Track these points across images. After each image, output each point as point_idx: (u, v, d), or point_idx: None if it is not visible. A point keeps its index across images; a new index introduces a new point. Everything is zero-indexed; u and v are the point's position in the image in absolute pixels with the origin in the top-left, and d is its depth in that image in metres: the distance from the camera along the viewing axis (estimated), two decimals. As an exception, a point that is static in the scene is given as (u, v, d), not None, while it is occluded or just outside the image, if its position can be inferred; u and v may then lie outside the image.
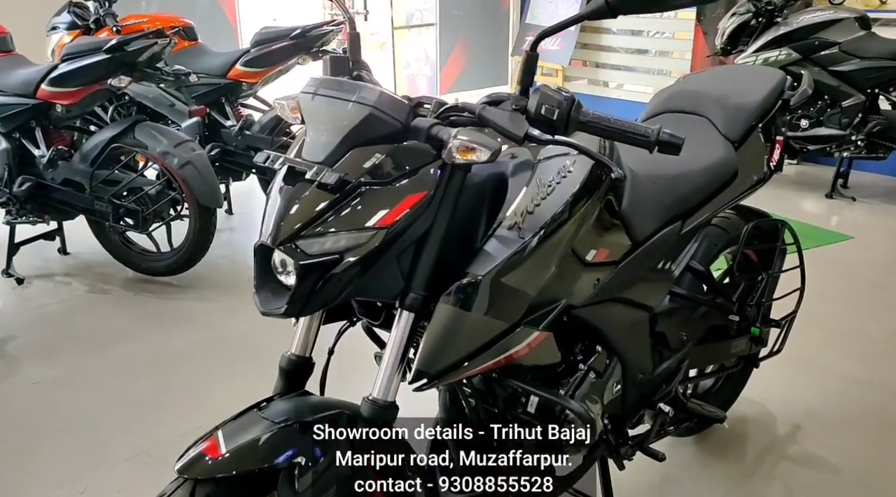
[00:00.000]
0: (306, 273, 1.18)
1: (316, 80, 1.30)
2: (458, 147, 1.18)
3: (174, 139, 3.32)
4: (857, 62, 4.63)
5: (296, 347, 1.45)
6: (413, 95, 1.38)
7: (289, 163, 1.24)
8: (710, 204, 1.84)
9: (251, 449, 1.22)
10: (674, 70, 6.66)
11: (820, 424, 2.45)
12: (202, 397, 2.64)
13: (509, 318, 1.32)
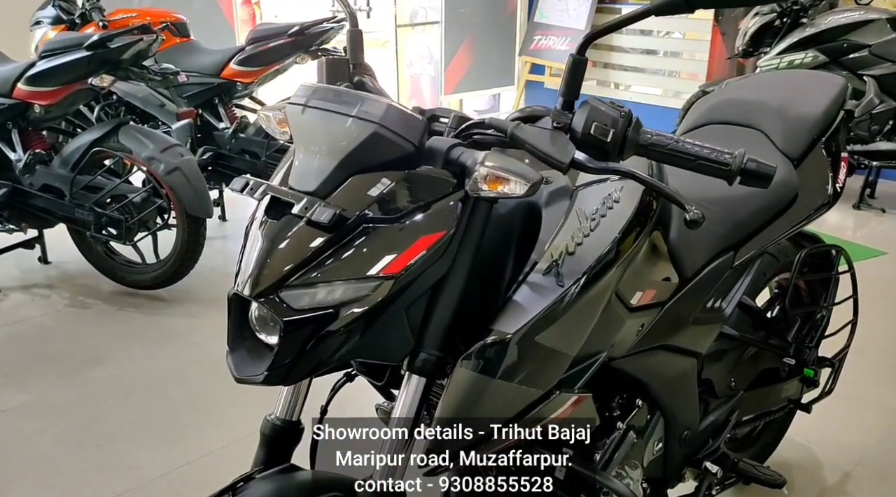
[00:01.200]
0: (292, 332, 0.94)
1: (308, 89, 1.05)
2: (485, 176, 0.93)
3: (161, 143, 3.07)
4: (888, 66, 4.38)
5: (280, 410, 1.20)
6: (416, 96, 1.14)
7: (272, 192, 0.99)
8: (766, 232, 1.59)
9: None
10: (685, 72, 6.41)
11: (872, 471, 2.20)
12: (184, 430, 2.39)
13: (544, 385, 1.07)
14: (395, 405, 1.06)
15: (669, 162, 0.97)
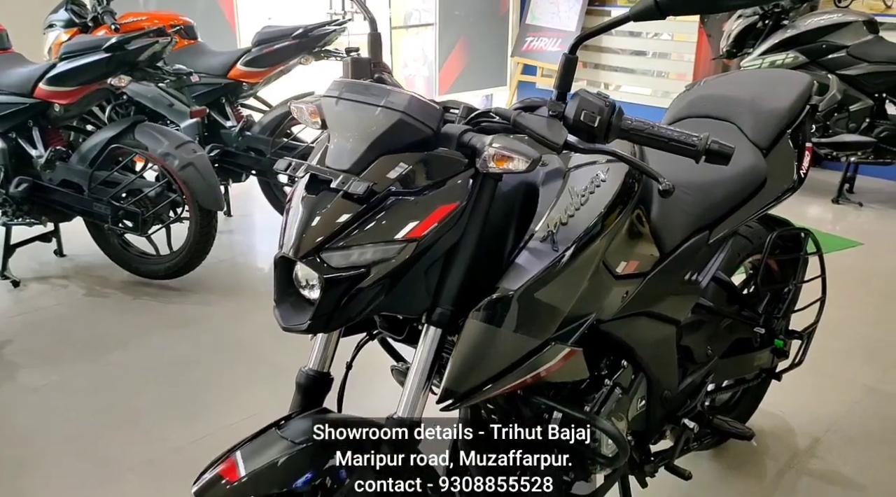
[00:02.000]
0: (331, 287, 1.12)
1: (339, 84, 1.23)
2: (493, 155, 1.11)
3: (175, 140, 3.24)
4: (865, 66, 4.59)
5: (314, 362, 1.38)
6: None
7: (312, 171, 1.17)
8: (739, 213, 1.78)
9: (270, 471, 1.16)
10: (673, 72, 6.61)
11: (841, 438, 2.39)
12: (205, 405, 2.56)
13: (541, 335, 1.26)
14: (414, 354, 1.23)
15: (647, 143, 1.16)
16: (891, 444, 2.36)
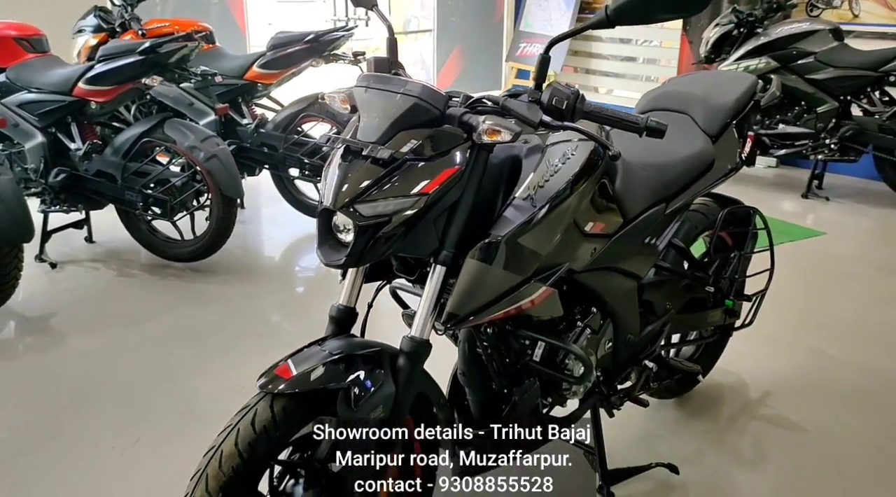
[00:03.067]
0: (362, 232, 1.47)
1: (367, 77, 1.59)
2: (486, 130, 1.46)
3: (200, 135, 3.59)
4: (831, 71, 4.97)
5: (343, 299, 1.73)
6: None
7: (347, 143, 1.52)
8: (691, 189, 2.14)
9: (317, 373, 1.50)
10: (661, 76, 6.99)
11: (789, 391, 2.75)
12: (234, 364, 2.91)
13: (523, 273, 1.61)
14: (425, 288, 1.58)
15: (603, 122, 1.51)
16: (831, 397, 2.72)
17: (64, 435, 2.45)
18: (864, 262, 4.09)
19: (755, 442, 2.48)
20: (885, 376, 2.85)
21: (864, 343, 3.10)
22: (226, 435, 1.46)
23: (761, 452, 2.42)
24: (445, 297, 1.60)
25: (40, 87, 3.62)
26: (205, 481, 1.42)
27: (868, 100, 4.98)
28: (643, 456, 2.31)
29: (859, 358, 2.98)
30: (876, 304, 3.51)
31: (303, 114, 4.22)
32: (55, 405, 2.64)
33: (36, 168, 3.68)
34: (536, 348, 1.87)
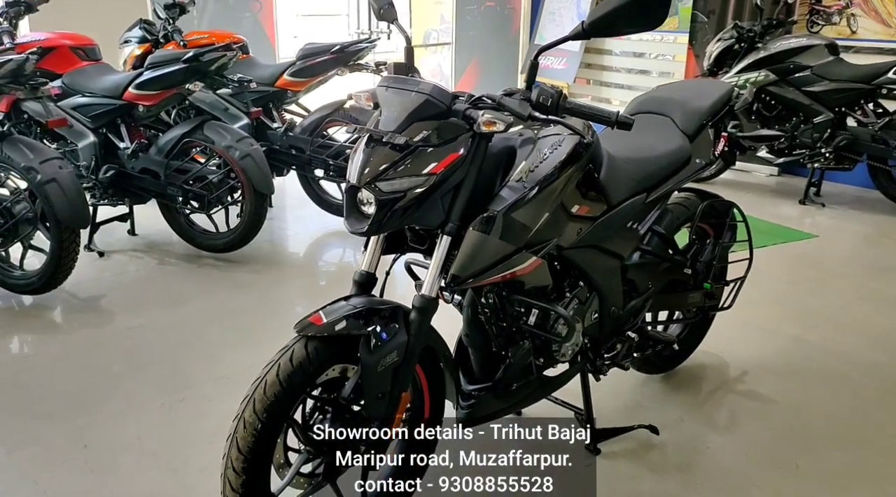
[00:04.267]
0: (382, 205, 1.79)
1: (388, 78, 1.92)
2: (484, 121, 1.79)
3: (236, 135, 3.95)
4: (826, 84, 5.24)
5: (364, 265, 2.05)
6: None
7: (370, 132, 1.85)
8: (670, 181, 2.44)
9: (343, 322, 1.81)
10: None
11: (764, 371, 3.03)
12: (262, 340, 3.23)
13: (516, 243, 1.92)
14: (434, 254, 1.90)
15: (581, 116, 1.82)
16: (804, 377, 2.99)
17: (117, 396, 2.79)
18: (853, 262, 4.35)
19: (729, 412, 2.76)
20: (859, 362, 3.11)
21: (843, 333, 3.37)
22: (269, 368, 1.78)
23: (734, 420, 2.71)
24: (450, 264, 1.91)
25: (93, 91, 4.00)
26: (252, 404, 1.74)
27: (862, 111, 5.24)
28: (628, 420, 2.60)
29: (836, 346, 3.24)
30: (858, 300, 3.77)
31: (328, 118, 4.57)
32: (108, 372, 2.98)
33: (88, 165, 4.05)
34: (530, 314, 2.17)
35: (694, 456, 2.49)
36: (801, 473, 2.39)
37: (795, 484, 2.34)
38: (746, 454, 2.49)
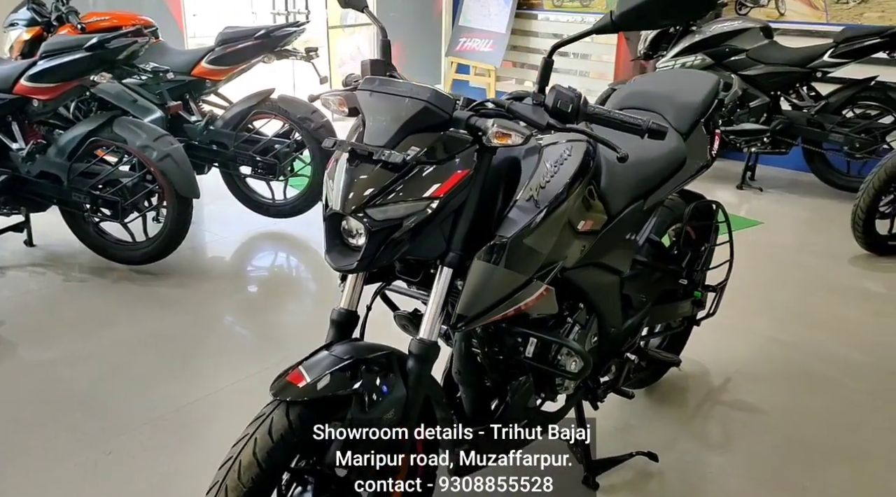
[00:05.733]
0: (374, 236, 1.47)
1: (372, 80, 1.58)
2: (495, 133, 1.49)
3: (153, 133, 3.48)
4: (762, 67, 5.20)
5: (344, 302, 1.72)
6: None
7: (354, 147, 1.51)
8: (666, 185, 2.21)
9: (329, 379, 1.49)
10: (594, 72, 7.15)
11: (746, 376, 2.89)
12: (204, 367, 2.85)
13: (527, 272, 1.64)
14: (432, 290, 1.59)
15: (606, 124, 1.55)
16: (786, 380, 2.87)
17: (29, 454, 2.35)
18: (805, 251, 4.31)
19: (721, 426, 2.60)
20: (836, 362, 3.02)
21: (814, 329, 3.28)
22: (242, 445, 1.44)
23: (728, 436, 2.54)
24: (451, 299, 1.62)
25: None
26: (224, 493, 1.40)
27: (797, 95, 5.23)
28: (621, 445, 2.39)
29: (811, 344, 3.14)
30: (821, 292, 3.71)
31: (254, 111, 4.14)
32: (15, 422, 2.52)
33: (-28, 170, 3.49)
34: (529, 345, 1.90)
35: (697, 483, 2.31)
36: (808, 496, 2.24)
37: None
38: (750, 477, 2.32)
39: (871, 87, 5.03)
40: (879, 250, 4.15)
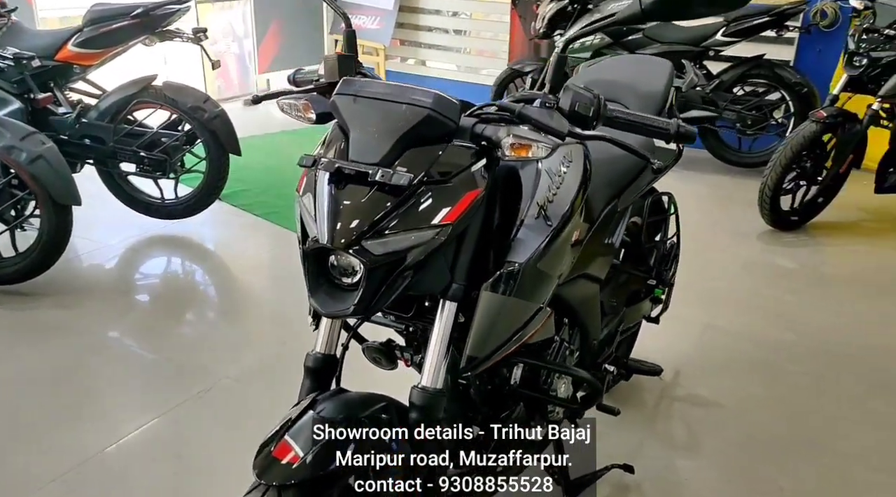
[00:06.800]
0: (373, 273, 1.21)
1: (351, 83, 1.30)
2: (511, 144, 1.25)
3: (18, 131, 2.98)
4: (658, 47, 5.21)
5: (320, 346, 1.45)
6: (222, 75, 1.40)
7: (341, 165, 1.24)
8: (637, 182, 2.07)
9: (322, 450, 1.23)
10: (487, 50, 6.98)
11: (695, 369, 2.83)
12: (110, 408, 2.46)
13: (539, 300, 1.44)
14: (433, 329, 1.35)
15: (628, 128, 1.36)
16: (732, 369, 2.84)
17: None
18: (714, 229, 4.35)
19: (684, 425, 2.53)
20: (775, 346, 3.02)
21: (746, 313, 3.29)
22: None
23: (692, 435, 2.47)
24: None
25: None
26: None
27: (694, 73, 5.29)
28: (590, 455, 2.24)
29: (747, 329, 3.14)
30: (741, 273, 3.75)
31: (135, 100, 3.65)
32: None
33: None
34: (516, 371, 1.70)
35: (674, 491, 2.21)
36: (787, 496, 2.20)
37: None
38: (725, 480, 2.26)
39: (760, 65, 5.17)
40: (783, 226, 4.27)
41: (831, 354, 2.96)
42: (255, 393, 2.58)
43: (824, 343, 3.04)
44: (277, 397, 2.47)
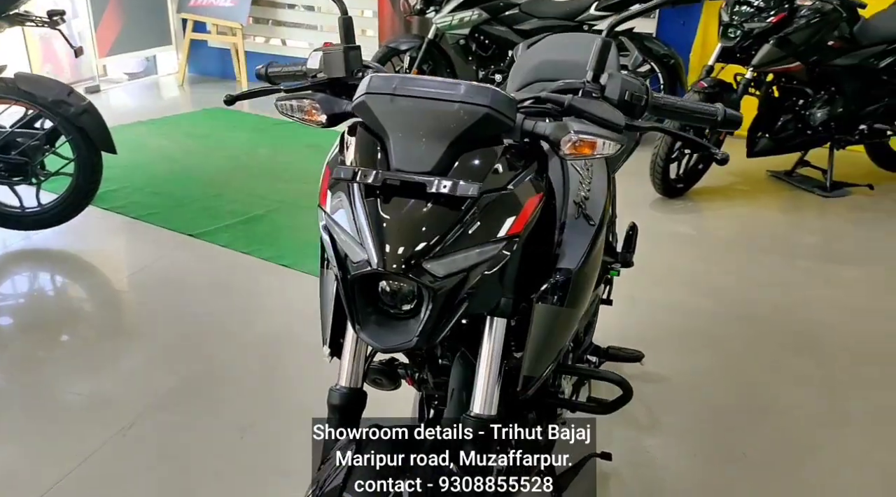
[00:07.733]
0: (438, 297, 1.05)
1: (385, 79, 1.11)
2: (576, 142, 1.12)
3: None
4: (535, 21, 5.23)
5: (345, 379, 1.27)
6: (50, 59, 1.24)
7: (391, 178, 1.05)
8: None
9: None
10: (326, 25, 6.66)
11: (634, 346, 2.83)
12: (17, 468, 2.08)
13: (583, 307, 1.33)
14: (481, 348, 1.21)
15: (676, 117, 1.27)
16: (671, 343, 2.89)
17: None
18: (642, 205, 4.38)
19: (642, 404, 2.52)
20: (700, 314, 3.11)
21: (664, 283, 3.35)
22: None
23: (652, 413, 2.49)
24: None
25: None
26: None
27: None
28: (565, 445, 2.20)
29: (670, 298, 3.22)
30: (646, 242, 3.80)
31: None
32: None
33: None
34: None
35: (651, 474, 2.22)
36: (752, 462, 2.27)
37: (758, 476, 2.21)
38: (693, 454, 2.29)
39: (631, 38, 5.30)
40: (671, 193, 4.44)
41: (749, 318, 3.10)
42: (187, 423, 2.30)
43: (736, 306, 3.18)
44: (211, 426, 2.23)
